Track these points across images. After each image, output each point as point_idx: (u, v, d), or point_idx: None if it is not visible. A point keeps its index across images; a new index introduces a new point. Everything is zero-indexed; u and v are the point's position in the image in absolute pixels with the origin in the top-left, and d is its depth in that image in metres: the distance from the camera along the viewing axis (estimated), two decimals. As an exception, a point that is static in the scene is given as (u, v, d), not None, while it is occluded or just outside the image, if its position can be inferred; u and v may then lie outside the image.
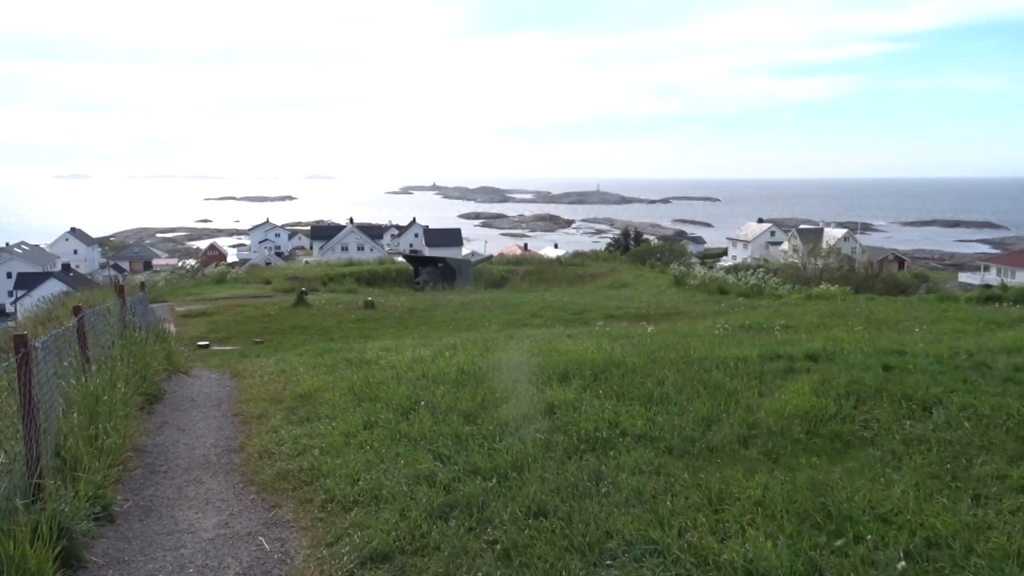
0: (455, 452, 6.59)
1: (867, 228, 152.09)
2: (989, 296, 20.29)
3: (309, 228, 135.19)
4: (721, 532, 4.89)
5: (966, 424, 6.67)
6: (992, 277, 70.86)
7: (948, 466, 5.75)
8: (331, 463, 6.65)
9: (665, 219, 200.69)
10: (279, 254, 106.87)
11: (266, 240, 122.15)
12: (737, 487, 5.50)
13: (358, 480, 6.17)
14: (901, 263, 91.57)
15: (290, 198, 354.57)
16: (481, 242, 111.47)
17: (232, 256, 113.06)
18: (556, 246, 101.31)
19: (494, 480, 5.89)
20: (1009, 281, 53.02)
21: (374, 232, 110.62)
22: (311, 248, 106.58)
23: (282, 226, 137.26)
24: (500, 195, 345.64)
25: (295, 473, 6.68)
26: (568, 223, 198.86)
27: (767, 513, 5.05)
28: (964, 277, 77.71)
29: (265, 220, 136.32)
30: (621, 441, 6.67)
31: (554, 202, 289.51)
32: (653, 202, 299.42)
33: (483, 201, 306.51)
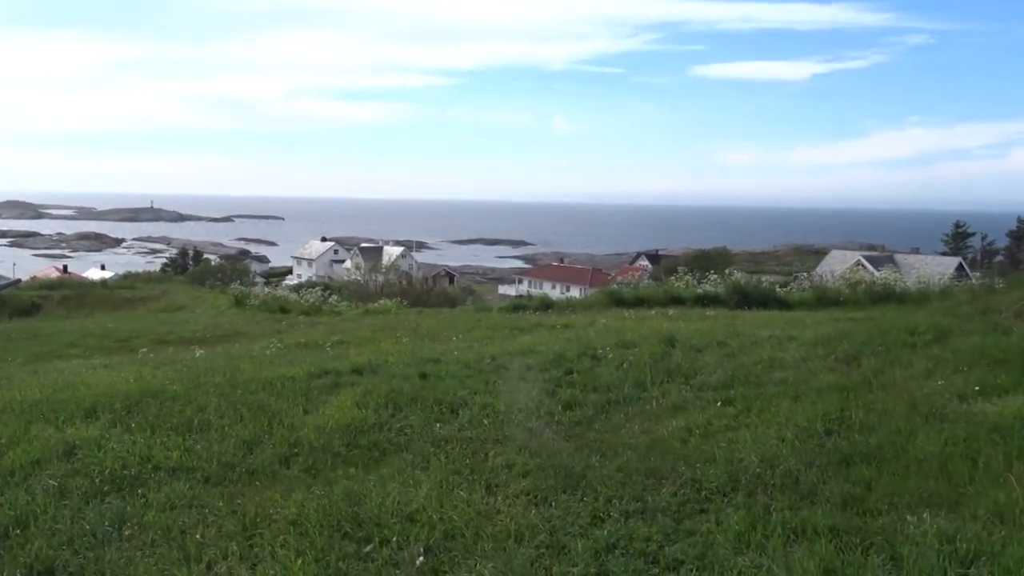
0: (-62, 516, 5.52)
1: (422, 246, 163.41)
2: (517, 305, 23.01)
3: None
4: (252, 558, 4.78)
5: (485, 422, 7.43)
6: (524, 288, 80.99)
7: (468, 461, 6.32)
8: None
9: (227, 237, 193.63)
10: None
11: None
12: (274, 508, 5.42)
13: None
14: (451, 278, 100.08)
15: None
16: (8, 264, 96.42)
17: None
18: (103, 267, 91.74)
19: (-10, 543, 5.05)
20: (535, 292, 60.96)
21: None
22: None
23: None
24: (33, 211, 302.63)
25: None
26: (118, 242, 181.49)
27: (300, 531, 5.05)
28: (503, 289, 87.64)
29: None
30: (153, 476, 6.20)
31: (100, 219, 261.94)
32: (214, 220, 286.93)
33: (11, 217, 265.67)
